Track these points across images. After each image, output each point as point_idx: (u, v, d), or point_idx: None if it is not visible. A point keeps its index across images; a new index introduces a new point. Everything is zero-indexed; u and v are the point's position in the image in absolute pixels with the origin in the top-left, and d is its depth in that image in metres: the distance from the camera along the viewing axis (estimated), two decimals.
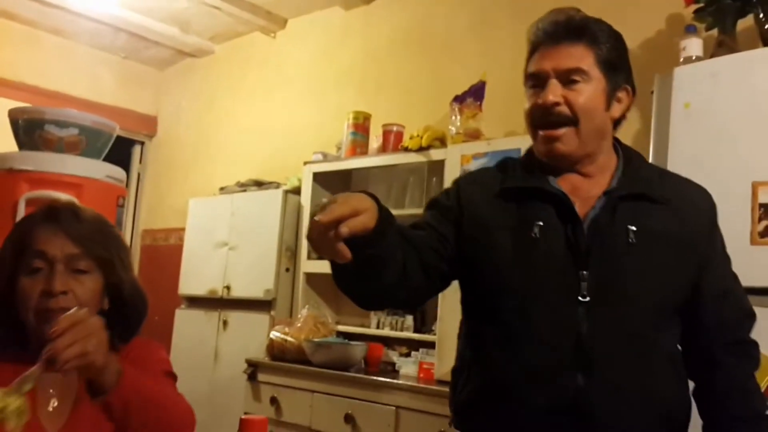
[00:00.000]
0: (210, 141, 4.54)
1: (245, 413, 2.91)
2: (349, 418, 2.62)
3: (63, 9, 4.06)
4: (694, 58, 2.07)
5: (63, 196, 2.16)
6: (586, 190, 1.19)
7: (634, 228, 1.13)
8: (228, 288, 3.63)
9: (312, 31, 4.08)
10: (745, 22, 2.15)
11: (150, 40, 4.49)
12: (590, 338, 1.09)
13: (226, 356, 3.53)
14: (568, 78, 1.15)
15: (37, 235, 1.14)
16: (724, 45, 2.07)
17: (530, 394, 1.10)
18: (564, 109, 1.14)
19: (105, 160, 2.43)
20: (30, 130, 2.30)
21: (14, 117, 2.34)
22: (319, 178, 3.42)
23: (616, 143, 1.26)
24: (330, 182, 3.42)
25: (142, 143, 5.06)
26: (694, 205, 1.22)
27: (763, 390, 1.64)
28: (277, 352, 3.03)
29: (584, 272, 1.11)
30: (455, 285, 1.27)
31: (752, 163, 1.77)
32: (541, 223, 1.14)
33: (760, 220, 1.75)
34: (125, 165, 3.73)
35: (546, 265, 1.13)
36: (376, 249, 1.00)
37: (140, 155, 5.07)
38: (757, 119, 1.79)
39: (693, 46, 2.09)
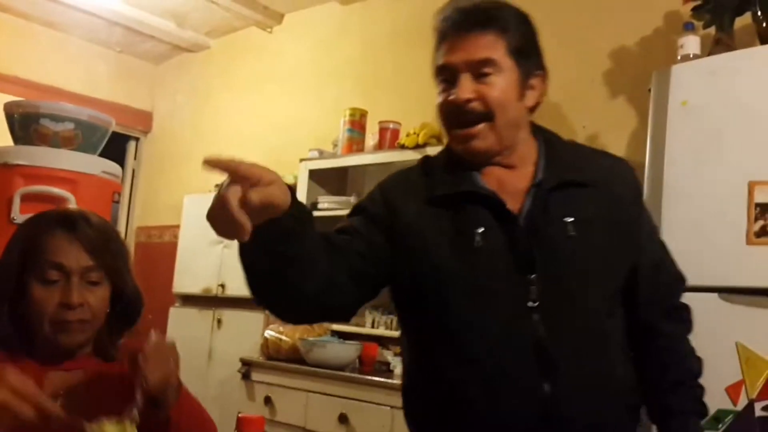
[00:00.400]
0: (205, 137, 4.52)
1: (239, 413, 2.90)
2: (343, 418, 2.61)
3: (58, 2, 4.03)
4: (691, 56, 2.07)
5: (58, 191, 2.15)
6: (513, 183, 1.15)
7: (570, 219, 1.10)
8: (222, 286, 3.62)
9: (309, 26, 4.06)
10: (743, 20, 2.15)
11: (146, 34, 4.47)
12: (549, 342, 1.06)
13: (221, 355, 3.52)
14: (479, 70, 1.10)
15: (52, 244, 1.14)
16: (721, 43, 2.07)
17: (497, 409, 1.06)
18: (478, 105, 1.10)
19: (99, 156, 2.41)
20: (25, 125, 2.29)
21: (9, 111, 2.33)
22: (314, 175, 3.41)
23: (533, 128, 1.23)
24: (326, 179, 3.41)
25: (137, 139, 5.04)
26: (621, 178, 1.20)
27: (758, 391, 1.65)
28: (272, 351, 3.02)
29: (531, 276, 1.07)
30: None
31: (749, 162, 1.77)
32: (481, 230, 1.09)
33: (756, 219, 1.74)
34: (120, 161, 3.71)
35: (492, 273, 1.08)
36: (294, 245, 0.94)
37: (135, 151, 5.04)
38: (754, 118, 1.79)
39: (690, 43, 2.09)
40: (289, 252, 0.95)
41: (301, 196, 3.41)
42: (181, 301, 3.95)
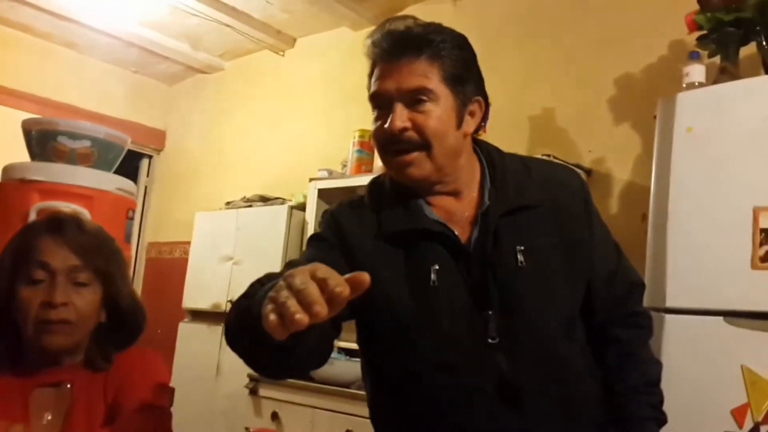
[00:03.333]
0: (217, 156, 4.58)
1: (246, 428, 2.91)
2: None
3: (77, 23, 4.12)
4: (696, 84, 2.10)
5: (73, 207, 2.19)
6: (461, 212, 1.12)
7: (521, 248, 1.07)
8: (231, 302, 3.64)
9: (320, 50, 4.14)
10: (748, 50, 2.18)
11: (161, 55, 4.55)
12: (514, 377, 1.04)
13: (228, 370, 3.53)
14: (413, 98, 1.06)
15: (40, 246, 1.13)
16: (726, 72, 2.10)
17: None
18: (412, 134, 1.06)
19: (114, 173, 2.46)
20: (43, 141, 2.33)
21: (27, 128, 2.38)
22: (324, 194, 3.45)
23: (475, 146, 1.19)
24: (335, 199, 3.45)
25: (150, 157, 5.10)
26: (567, 189, 1.17)
27: (764, 414, 1.66)
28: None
29: (489, 312, 1.05)
30: None
31: (753, 188, 1.79)
32: (437, 267, 1.05)
33: (761, 244, 1.76)
34: (133, 178, 3.77)
35: (450, 313, 1.05)
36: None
37: (148, 169, 5.11)
38: (758, 145, 1.81)
39: (696, 72, 2.12)
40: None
41: (310, 214, 3.46)
42: (190, 316, 3.97)
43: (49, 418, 1.09)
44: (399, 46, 1.08)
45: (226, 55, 4.63)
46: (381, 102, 1.10)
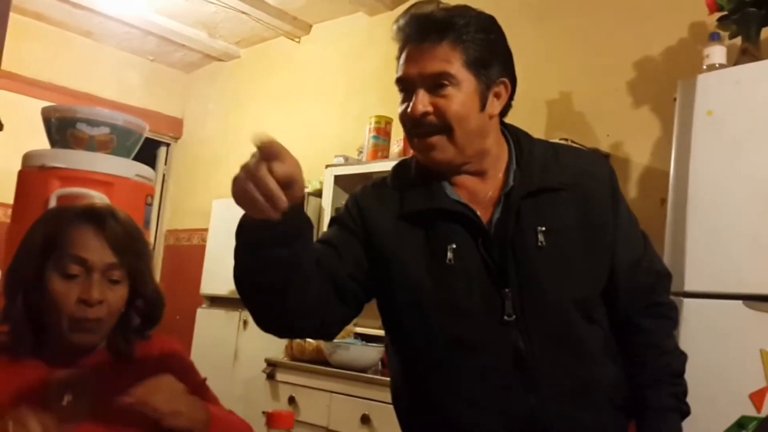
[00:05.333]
0: (234, 143, 4.60)
1: (263, 412, 2.94)
2: (366, 419, 2.64)
3: (93, 11, 4.15)
4: (717, 65, 2.07)
5: (94, 194, 2.22)
6: (484, 192, 1.13)
7: (543, 228, 1.08)
8: None
9: (336, 36, 4.13)
10: None
11: (178, 43, 4.58)
12: (530, 355, 1.05)
13: (246, 355, 3.57)
14: (435, 83, 1.07)
15: (77, 238, 1.11)
16: (747, 53, 2.07)
17: (484, 425, 1.06)
18: (433, 118, 1.08)
19: (133, 160, 2.48)
20: (62, 129, 2.36)
21: (47, 115, 2.41)
22: (340, 180, 3.46)
23: (503, 128, 1.19)
24: (351, 185, 3.45)
25: (168, 145, 5.15)
26: (594, 177, 1.16)
27: None
28: (296, 353, 3.06)
29: (506, 290, 1.07)
30: None
31: None
32: (454, 246, 1.07)
33: None
34: (151, 166, 3.80)
35: (467, 290, 1.07)
36: (293, 248, 0.94)
37: (165, 156, 5.15)
38: None
39: (716, 53, 2.09)
40: (283, 255, 0.94)
41: (327, 201, 3.46)
42: (208, 302, 4.01)
43: (69, 399, 1.09)
44: (422, 31, 1.09)
45: (242, 43, 4.64)
46: (406, 86, 1.11)
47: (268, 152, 0.84)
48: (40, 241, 1.12)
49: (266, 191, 0.82)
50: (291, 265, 0.97)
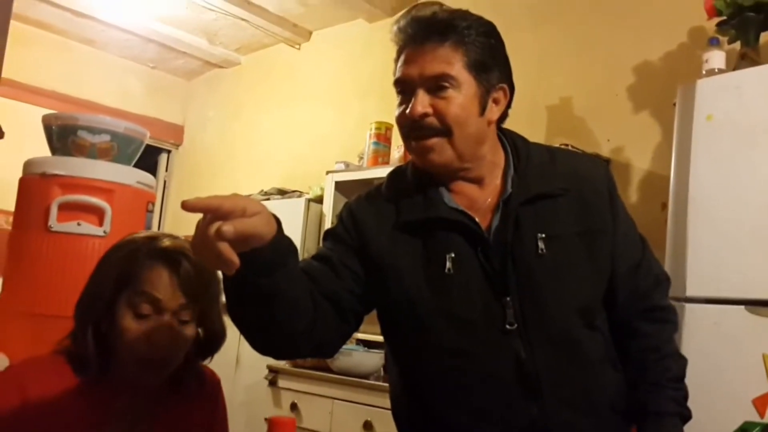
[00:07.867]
0: (235, 150, 4.61)
1: (265, 419, 2.94)
2: (368, 425, 2.63)
3: (95, 19, 4.17)
4: (716, 70, 2.07)
5: (95, 200, 2.23)
6: (482, 200, 1.12)
7: (542, 235, 1.07)
8: None
9: (336, 43, 4.14)
10: None
11: (178, 50, 4.59)
12: (531, 364, 1.04)
13: (248, 361, 3.57)
14: (435, 85, 1.06)
15: (152, 277, 1.11)
16: (746, 58, 2.07)
17: None
18: (433, 120, 1.06)
19: (134, 167, 2.48)
20: (63, 136, 2.36)
21: (48, 123, 2.41)
22: (341, 186, 3.46)
23: (500, 134, 1.17)
24: (352, 191, 3.46)
25: (169, 151, 5.16)
26: (591, 181, 1.15)
27: None
28: (298, 359, 3.06)
29: (507, 299, 1.05)
30: None
31: None
32: (453, 255, 1.06)
33: None
34: (152, 173, 3.81)
35: (467, 300, 1.05)
36: (276, 278, 0.90)
37: (166, 163, 5.16)
38: None
39: (716, 58, 2.10)
40: (266, 285, 0.91)
41: (328, 207, 3.47)
42: None
43: (129, 424, 1.12)
44: (424, 32, 1.07)
45: (242, 50, 4.66)
46: (404, 87, 1.10)
47: (214, 214, 0.80)
48: (115, 276, 1.13)
49: (216, 254, 0.79)
50: (273, 295, 0.94)
